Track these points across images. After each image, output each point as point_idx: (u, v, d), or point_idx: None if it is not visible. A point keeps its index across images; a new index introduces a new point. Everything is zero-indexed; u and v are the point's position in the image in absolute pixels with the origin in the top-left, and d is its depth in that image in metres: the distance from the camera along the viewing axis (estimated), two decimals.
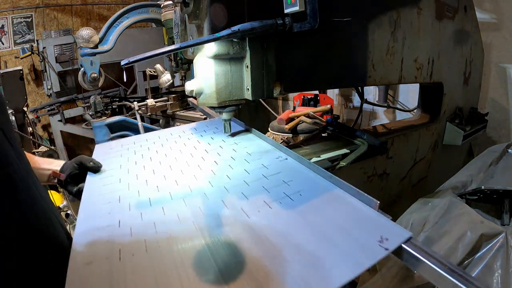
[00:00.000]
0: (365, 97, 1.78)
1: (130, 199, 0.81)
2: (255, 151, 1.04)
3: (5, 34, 3.83)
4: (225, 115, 1.08)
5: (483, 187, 1.16)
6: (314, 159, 1.08)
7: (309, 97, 2.67)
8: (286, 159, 0.95)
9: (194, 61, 1.01)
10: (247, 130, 1.27)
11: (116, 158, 1.11)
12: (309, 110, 2.12)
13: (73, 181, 1.00)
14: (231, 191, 0.80)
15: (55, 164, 1.02)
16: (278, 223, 0.65)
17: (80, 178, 0.99)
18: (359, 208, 0.67)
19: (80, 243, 0.65)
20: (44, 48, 3.72)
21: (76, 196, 0.96)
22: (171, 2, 1.71)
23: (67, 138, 4.04)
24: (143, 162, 1.05)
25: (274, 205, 0.72)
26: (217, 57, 0.93)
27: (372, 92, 2.58)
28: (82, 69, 2.70)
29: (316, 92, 2.68)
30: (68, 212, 2.35)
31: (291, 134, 1.98)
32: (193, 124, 1.41)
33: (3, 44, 3.88)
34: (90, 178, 0.97)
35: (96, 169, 1.01)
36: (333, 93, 2.96)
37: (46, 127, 4.20)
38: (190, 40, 1.02)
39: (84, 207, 0.80)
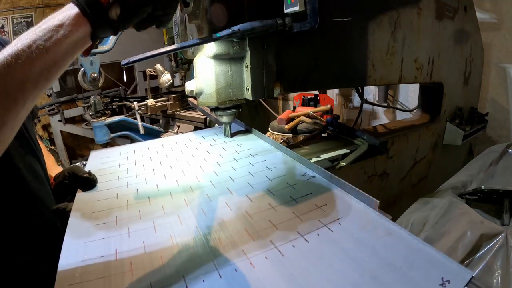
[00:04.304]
0: (365, 97, 1.78)
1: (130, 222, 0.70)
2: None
3: (5, 34, 3.83)
4: (225, 118, 1.08)
5: (483, 187, 1.15)
6: (314, 159, 1.08)
7: (309, 97, 2.67)
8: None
9: (194, 61, 1.01)
10: (247, 131, 1.27)
11: (114, 168, 1.01)
12: (309, 110, 2.12)
13: (61, 192, 0.88)
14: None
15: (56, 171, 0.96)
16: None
17: (69, 190, 0.87)
18: (409, 240, 0.57)
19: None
20: None
21: (56, 215, 0.82)
22: None
23: (67, 138, 4.04)
24: (145, 173, 0.95)
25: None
26: (217, 57, 0.93)
27: (372, 92, 2.57)
28: (82, 69, 2.71)
29: (316, 92, 2.68)
30: None
31: (291, 134, 1.98)
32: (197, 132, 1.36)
33: None
34: (80, 194, 0.85)
35: (89, 181, 0.88)
36: (333, 93, 2.96)
37: (46, 127, 4.20)
38: (190, 40, 1.02)
39: (72, 229, 0.68)
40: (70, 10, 0.50)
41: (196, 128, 2.53)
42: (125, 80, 3.99)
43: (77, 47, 0.52)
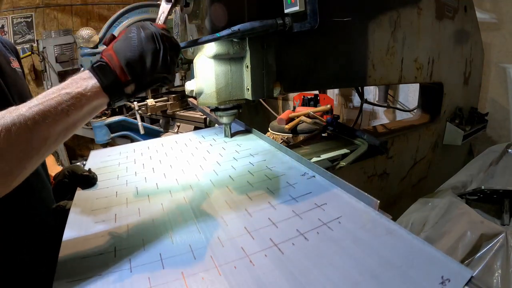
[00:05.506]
0: (365, 97, 1.78)
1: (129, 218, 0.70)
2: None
3: (5, 34, 3.83)
4: (225, 119, 1.08)
5: (483, 187, 1.15)
6: (314, 159, 1.08)
7: (309, 97, 2.68)
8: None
9: (194, 61, 1.01)
10: (247, 131, 1.27)
11: (113, 167, 1.02)
12: (309, 110, 2.12)
13: (61, 190, 0.89)
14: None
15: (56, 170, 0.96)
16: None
17: (69, 189, 0.88)
18: (409, 239, 0.56)
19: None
20: (44, 48, 3.72)
21: (56, 213, 0.83)
22: None
23: None
24: (144, 172, 0.96)
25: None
26: (217, 57, 0.93)
27: (372, 92, 2.58)
28: (82, 69, 2.70)
29: (316, 92, 2.69)
30: None
31: (291, 134, 1.98)
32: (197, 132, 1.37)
33: None
34: (80, 192, 0.86)
35: (89, 178, 0.89)
36: (333, 93, 2.96)
37: None
38: (190, 40, 1.02)
39: (71, 226, 0.70)
40: (91, 80, 0.58)
41: (196, 128, 2.53)
42: None
43: (94, 112, 0.60)
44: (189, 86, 1.00)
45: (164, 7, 0.79)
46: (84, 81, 0.57)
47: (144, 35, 0.61)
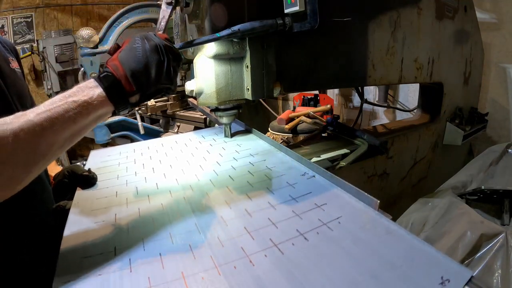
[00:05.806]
0: (365, 97, 1.78)
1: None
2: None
3: (5, 34, 3.83)
4: (225, 119, 1.08)
5: (483, 187, 1.16)
6: (314, 159, 1.08)
7: (309, 97, 2.68)
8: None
9: (194, 61, 1.01)
10: (247, 131, 1.27)
11: (113, 167, 1.01)
12: (309, 110, 2.12)
13: (61, 190, 0.89)
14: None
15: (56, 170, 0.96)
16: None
17: (69, 189, 0.88)
18: (409, 239, 0.56)
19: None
20: (44, 48, 3.72)
21: (56, 213, 0.83)
22: None
23: None
24: (144, 172, 0.96)
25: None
26: (217, 57, 0.93)
27: (372, 92, 2.58)
28: (82, 69, 2.70)
29: (316, 92, 2.69)
30: None
31: (291, 134, 1.98)
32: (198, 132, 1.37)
33: None
34: (80, 192, 0.86)
35: (89, 179, 0.89)
36: (333, 93, 2.96)
37: None
38: (189, 40, 1.02)
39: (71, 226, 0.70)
40: (97, 89, 0.59)
41: (196, 128, 2.53)
42: None
43: (100, 119, 0.62)
44: (189, 86, 1.00)
45: (165, 11, 0.79)
46: (90, 89, 0.59)
47: (149, 47, 0.62)
